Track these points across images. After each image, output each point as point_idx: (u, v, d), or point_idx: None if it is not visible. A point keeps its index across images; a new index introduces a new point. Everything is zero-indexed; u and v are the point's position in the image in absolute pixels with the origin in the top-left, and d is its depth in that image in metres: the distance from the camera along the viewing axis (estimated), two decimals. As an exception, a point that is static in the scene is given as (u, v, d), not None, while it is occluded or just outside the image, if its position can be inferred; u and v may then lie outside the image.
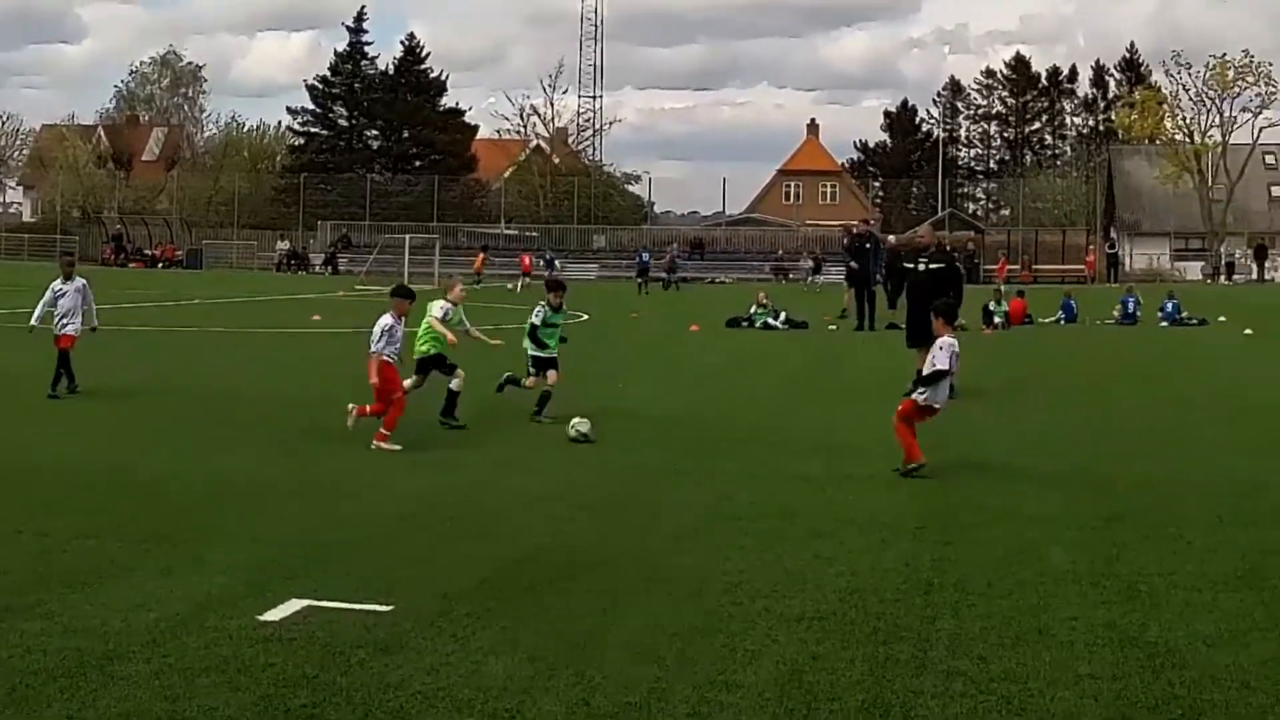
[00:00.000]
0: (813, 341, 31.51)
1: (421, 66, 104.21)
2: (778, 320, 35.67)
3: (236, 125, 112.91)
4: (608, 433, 15.10)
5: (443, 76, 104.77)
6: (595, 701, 6.56)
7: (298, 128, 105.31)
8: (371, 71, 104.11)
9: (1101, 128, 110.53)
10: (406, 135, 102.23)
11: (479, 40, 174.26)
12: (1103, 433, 16.18)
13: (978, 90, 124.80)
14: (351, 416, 14.35)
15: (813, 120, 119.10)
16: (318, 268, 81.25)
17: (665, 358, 27.53)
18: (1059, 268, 75.91)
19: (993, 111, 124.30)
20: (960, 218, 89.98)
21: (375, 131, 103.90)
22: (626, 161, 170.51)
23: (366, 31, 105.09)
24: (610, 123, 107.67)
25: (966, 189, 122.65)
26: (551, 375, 16.31)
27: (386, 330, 14.58)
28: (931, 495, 11.97)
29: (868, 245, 34.49)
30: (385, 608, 8.06)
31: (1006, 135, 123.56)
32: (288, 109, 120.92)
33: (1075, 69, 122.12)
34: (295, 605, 8.08)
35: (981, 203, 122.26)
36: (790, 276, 73.60)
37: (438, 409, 15.72)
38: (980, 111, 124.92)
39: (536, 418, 16.00)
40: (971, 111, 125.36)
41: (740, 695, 6.65)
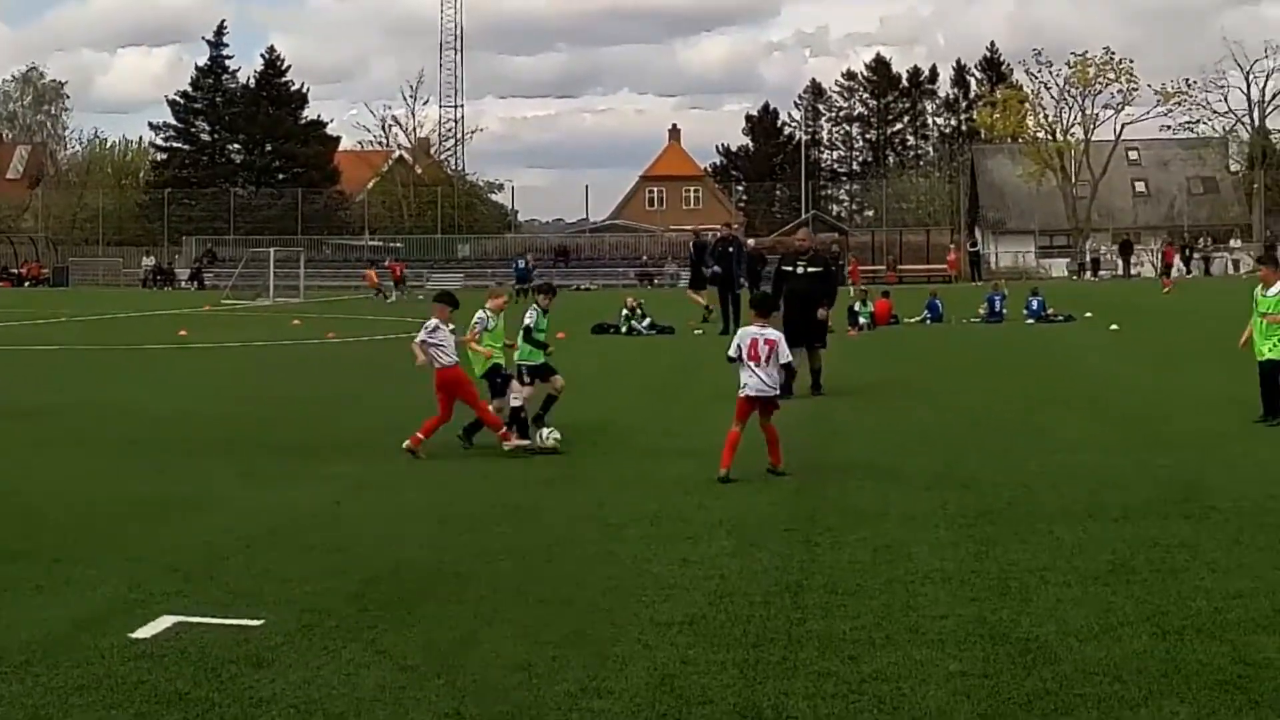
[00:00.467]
0: (680, 346, 31.60)
1: (282, 79, 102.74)
2: (643, 325, 35.89)
3: (100, 142, 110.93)
4: (479, 443, 15.04)
5: (304, 89, 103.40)
6: (467, 710, 6.58)
7: (161, 143, 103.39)
8: (233, 85, 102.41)
9: (964, 127, 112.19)
10: (269, 149, 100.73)
11: (340, 52, 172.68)
12: (969, 431, 16.36)
13: (839, 92, 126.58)
14: (411, 448, 14.47)
15: (674, 126, 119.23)
16: (184, 283, 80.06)
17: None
18: (924, 268, 76.66)
19: (854, 113, 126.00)
20: (824, 220, 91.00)
21: (238, 145, 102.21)
22: (490, 170, 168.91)
23: (227, 45, 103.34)
24: (473, 132, 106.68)
25: (830, 191, 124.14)
26: (558, 380, 16.02)
27: (430, 329, 14.86)
28: (800, 497, 12.09)
29: (730, 249, 34.90)
30: (256, 622, 8.04)
31: (869, 137, 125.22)
32: (150, 124, 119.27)
33: (936, 69, 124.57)
34: (166, 621, 8.06)
35: (845, 204, 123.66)
36: (655, 282, 73.86)
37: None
38: (842, 114, 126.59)
39: (540, 425, 15.49)
40: (833, 114, 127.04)
41: (612, 702, 6.70)
